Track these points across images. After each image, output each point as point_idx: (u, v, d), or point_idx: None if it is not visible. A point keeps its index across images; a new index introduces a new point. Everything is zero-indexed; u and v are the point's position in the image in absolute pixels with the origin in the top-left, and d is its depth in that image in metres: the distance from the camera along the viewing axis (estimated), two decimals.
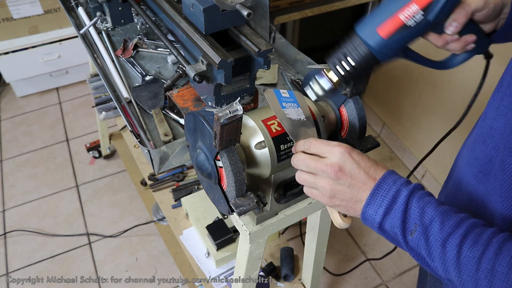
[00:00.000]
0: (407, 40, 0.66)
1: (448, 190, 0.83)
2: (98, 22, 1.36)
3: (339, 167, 0.64)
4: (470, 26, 0.68)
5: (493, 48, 0.76)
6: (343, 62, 0.69)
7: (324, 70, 0.72)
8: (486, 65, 0.77)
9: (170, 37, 1.19)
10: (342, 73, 0.70)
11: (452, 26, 0.66)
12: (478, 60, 0.78)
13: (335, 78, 0.72)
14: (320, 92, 0.74)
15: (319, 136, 0.80)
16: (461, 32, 0.67)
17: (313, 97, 0.76)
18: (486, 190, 0.67)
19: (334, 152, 0.65)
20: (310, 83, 0.75)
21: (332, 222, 0.75)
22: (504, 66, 0.68)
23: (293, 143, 0.72)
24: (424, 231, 0.58)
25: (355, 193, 0.64)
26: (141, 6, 1.26)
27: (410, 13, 0.63)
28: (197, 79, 0.93)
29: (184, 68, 1.13)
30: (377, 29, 0.65)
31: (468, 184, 0.72)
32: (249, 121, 0.80)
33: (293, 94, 0.80)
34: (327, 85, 0.73)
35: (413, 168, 0.97)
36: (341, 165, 0.64)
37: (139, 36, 1.33)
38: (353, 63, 0.68)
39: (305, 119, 0.77)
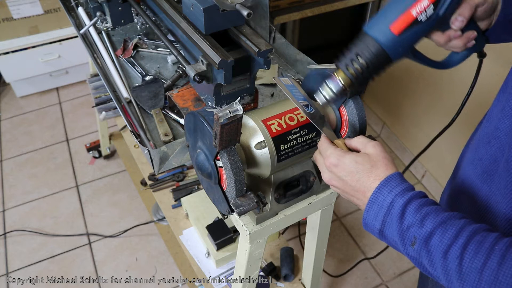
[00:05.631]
0: (418, 37, 0.68)
1: (451, 191, 0.83)
2: (98, 22, 1.36)
3: (347, 172, 0.67)
4: (471, 23, 0.70)
5: (489, 49, 0.76)
6: (354, 63, 0.70)
7: (335, 73, 0.72)
8: (479, 64, 0.79)
9: (170, 37, 1.19)
10: (355, 73, 0.70)
11: (458, 20, 0.68)
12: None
13: (346, 80, 0.71)
14: (330, 95, 0.73)
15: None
16: (463, 29, 0.70)
17: (322, 101, 0.74)
18: (490, 191, 0.67)
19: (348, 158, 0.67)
20: (320, 88, 0.74)
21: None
22: (498, 66, 0.68)
23: (293, 143, 0.72)
24: (424, 244, 0.57)
25: (357, 195, 0.67)
26: (141, 6, 1.25)
27: (421, 8, 0.65)
28: (197, 79, 0.93)
29: (184, 68, 1.13)
30: (390, 27, 0.66)
31: (472, 184, 0.72)
32: (249, 121, 0.80)
33: (294, 86, 0.81)
34: (337, 88, 0.72)
35: (409, 163, 0.98)
36: (350, 170, 0.66)
37: (139, 36, 1.33)
38: (365, 63, 0.69)
39: (316, 107, 0.77)
